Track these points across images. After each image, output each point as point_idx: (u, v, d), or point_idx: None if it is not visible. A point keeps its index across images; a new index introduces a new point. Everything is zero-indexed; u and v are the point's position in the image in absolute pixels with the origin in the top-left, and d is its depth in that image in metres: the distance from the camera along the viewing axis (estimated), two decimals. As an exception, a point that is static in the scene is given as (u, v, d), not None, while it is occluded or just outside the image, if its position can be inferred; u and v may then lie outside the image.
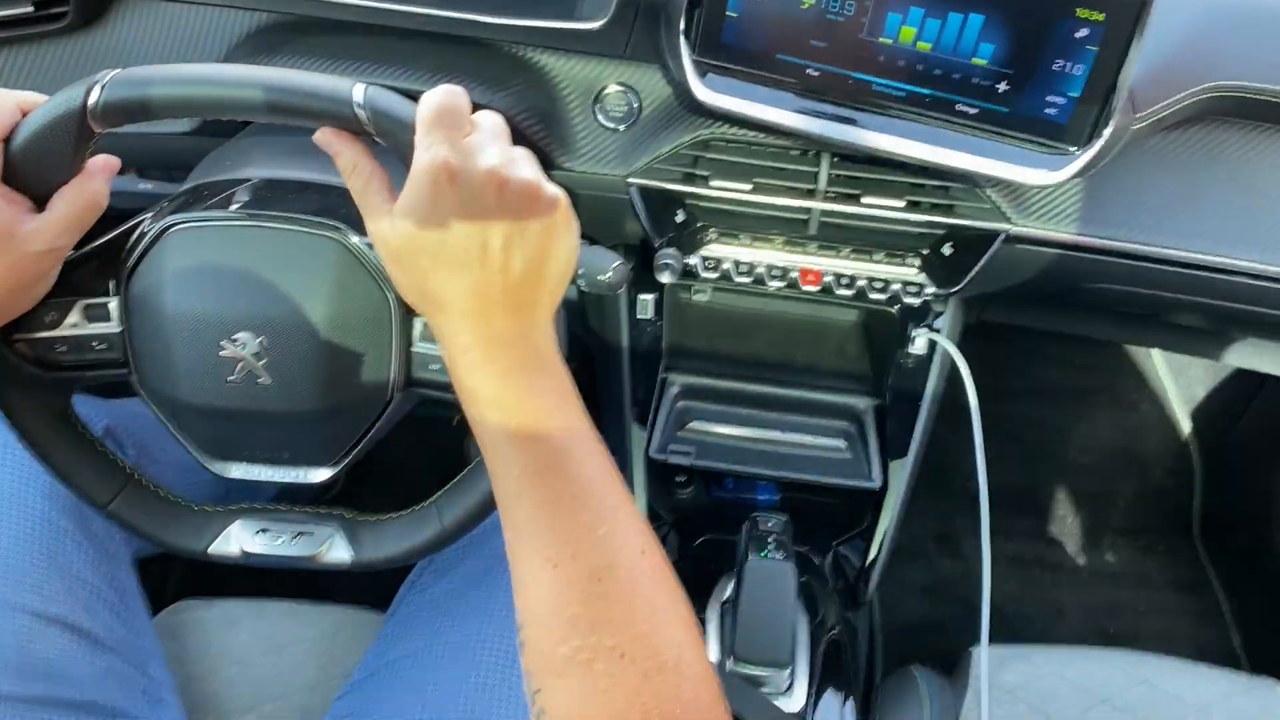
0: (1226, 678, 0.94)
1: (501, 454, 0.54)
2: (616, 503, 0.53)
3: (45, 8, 0.82)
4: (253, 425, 0.65)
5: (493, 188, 0.52)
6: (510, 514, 0.54)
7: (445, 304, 0.55)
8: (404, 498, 0.72)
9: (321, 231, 0.62)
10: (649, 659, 0.49)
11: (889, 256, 0.94)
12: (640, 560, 0.52)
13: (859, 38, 0.75)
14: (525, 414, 0.53)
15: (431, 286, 0.55)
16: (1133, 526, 1.61)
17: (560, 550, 0.51)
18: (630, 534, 0.53)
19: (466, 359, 0.55)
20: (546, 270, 0.55)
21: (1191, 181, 0.86)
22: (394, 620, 0.85)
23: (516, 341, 0.55)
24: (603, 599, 0.50)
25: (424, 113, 0.53)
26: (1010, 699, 0.90)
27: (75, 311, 0.63)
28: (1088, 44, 0.72)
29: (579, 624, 0.50)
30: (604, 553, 0.51)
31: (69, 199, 0.58)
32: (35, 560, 0.75)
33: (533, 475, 0.53)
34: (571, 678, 0.49)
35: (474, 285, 0.53)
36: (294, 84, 0.55)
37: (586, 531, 0.52)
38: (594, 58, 0.84)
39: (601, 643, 0.49)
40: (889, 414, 1.09)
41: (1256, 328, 0.94)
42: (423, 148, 0.53)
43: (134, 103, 0.55)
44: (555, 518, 0.52)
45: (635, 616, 0.50)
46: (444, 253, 0.53)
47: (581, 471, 0.53)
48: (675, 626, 0.51)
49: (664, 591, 0.52)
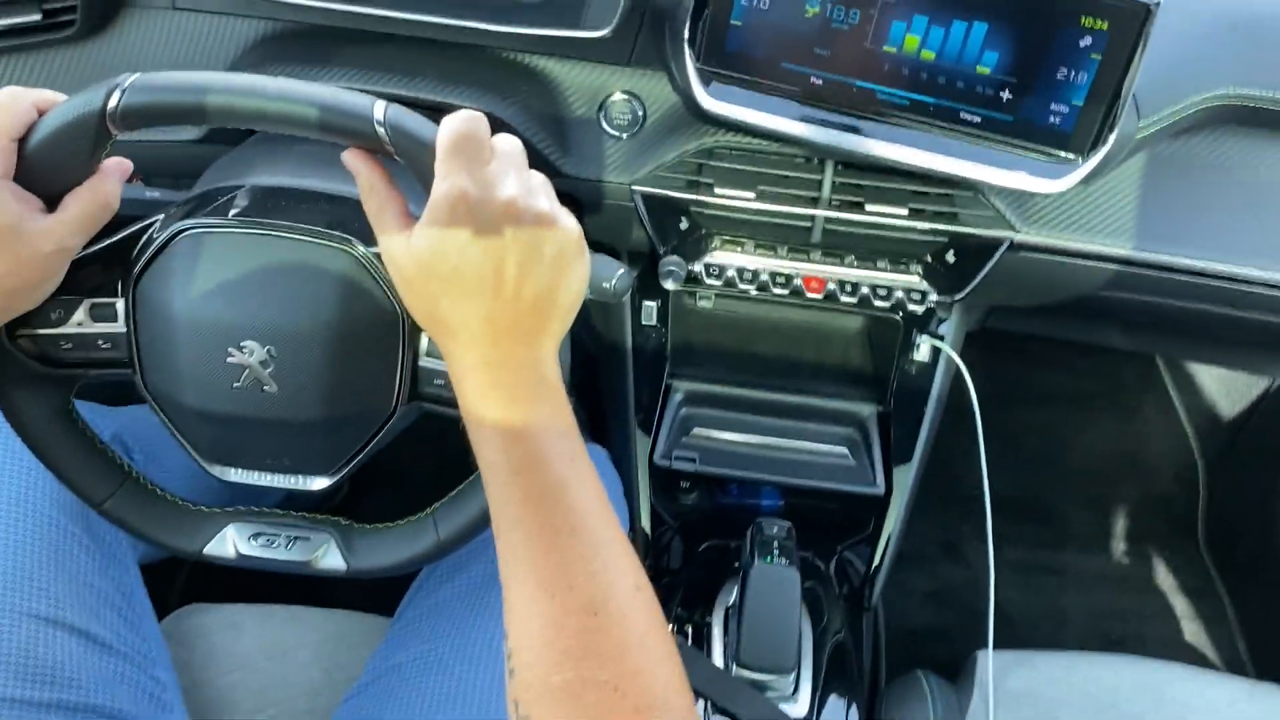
0: (1231, 683, 0.94)
1: (500, 479, 0.54)
2: (611, 536, 0.53)
3: (53, 16, 0.82)
4: (254, 432, 0.65)
5: (510, 219, 0.53)
6: (506, 539, 0.54)
7: (455, 329, 0.55)
8: (407, 506, 0.72)
9: (332, 243, 0.62)
10: (641, 694, 0.49)
11: (892, 264, 0.94)
12: (634, 596, 0.52)
13: (863, 46, 0.75)
14: (527, 442, 0.54)
15: (442, 311, 0.55)
16: (1137, 532, 1.61)
17: (556, 581, 0.51)
18: (624, 569, 0.53)
19: (472, 383, 0.55)
20: (557, 299, 0.56)
21: (1196, 189, 0.86)
22: (399, 625, 0.86)
23: (523, 369, 0.55)
24: (597, 632, 0.50)
25: (444, 140, 0.53)
26: (1015, 704, 0.90)
27: (81, 310, 0.63)
28: (1091, 52, 0.72)
29: (572, 655, 0.49)
30: (599, 586, 0.51)
31: (82, 200, 0.58)
32: (42, 564, 0.75)
33: (532, 503, 0.53)
34: (561, 708, 0.49)
35: (486, 312, 0.54)
36: (315, 97, 0.55)
37: (583, 564, 0.52)
38: (599, 65, 0.85)
39: (595, 676, 0.49)
40: (893, 420, 1.09)
41: (1261, 335, 0.94)
42: (441, 176, 0.53)
43: (155, 107, 0.55)
44: (552, 548, 0.52)
45: (628, 652, 0.50)
46: (457, 279, 0.53)
47: (579, 504, 0.53)
48: (666, 664, 0.51)
49: (655, 629, 0.52)
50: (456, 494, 0.69)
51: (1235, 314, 0.90)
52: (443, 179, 0.53)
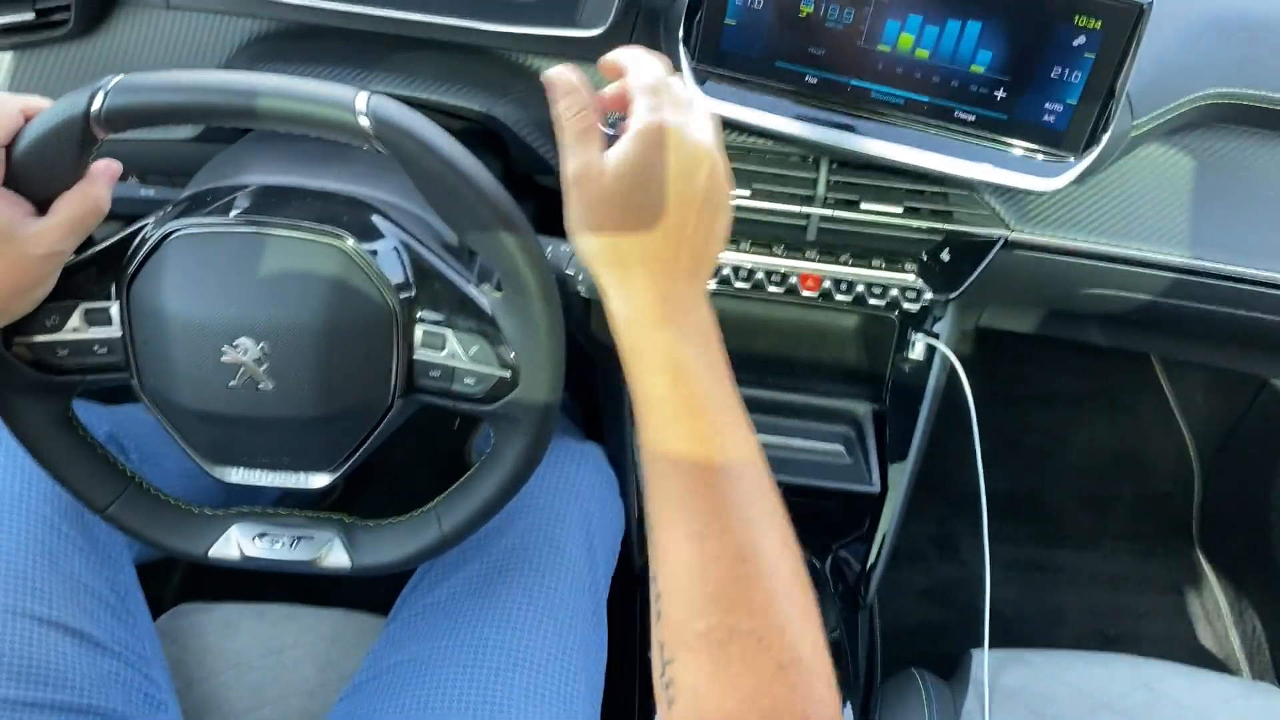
0: (1226, 681, 0.94)
1: (664, 416, 0.53)
2: (765, 490, 0.53)
3: (46, 15, 0.82)
4: (253, 430, 0.65)
5: (704, 161, 0.55)
6: (660, 482, 0.53)
7: (631, 260, 0.55)
8: (404, 502, 0.72)
9: (323, 238, 0.62)
10: (785, 650, 0.48)
11: (888, 262, 0.94)
12: (784, 552, 0.52)
13: (858, 45, 0.75)
14: (693, 382, 0.53)
15: (625, 241, 0.55)
16: (1132, 530, 1.61)
17: (709, 525, 0.51)
18: (775, 524, 0.53)
19: (644, 318, 0.55)
20: (714, 239, 0.57)
21: (1190, 187, 0.87)
22: (395, 624, 0.86)
23: (692, 309, 0.55)
24: (745, 580, 0.50)
25: (647, 77, 0.56)
26: (1010, 702, 0.90)
27: (76, 315, 0.63)
28: (1085, 51, 0.72)
29: (719, 601, 0.49)
30: (751, 535, 0.51)
31: (71, 203, 0.58)
32: (37, 564, 0.75)
33: (692, 445, 0.52)
34: (704, 654, 0.49)
35: (663, 246, 0.54)
36: (295, 90, 0.55)
37: (737, 511, 0.51)
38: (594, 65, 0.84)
39: (740, 624, 0.49)
40: (888, 418, 1.09)
41: (1255, 333, 0.95)
42: (648, 109, 0.54)
43: (138, 108, 0.55)
44: (707, 492, 0.52)
45: (775, 605, 0.50)
46: (650, 210, 0.54)
47: (738, 452, 0.53)
48: (810, 625, 0.50)
49: (802, 588, 0.52)
50: (459, 487, 0.69)
51: (1229, 312, 0.91)
52: (651, 111, 0.54)
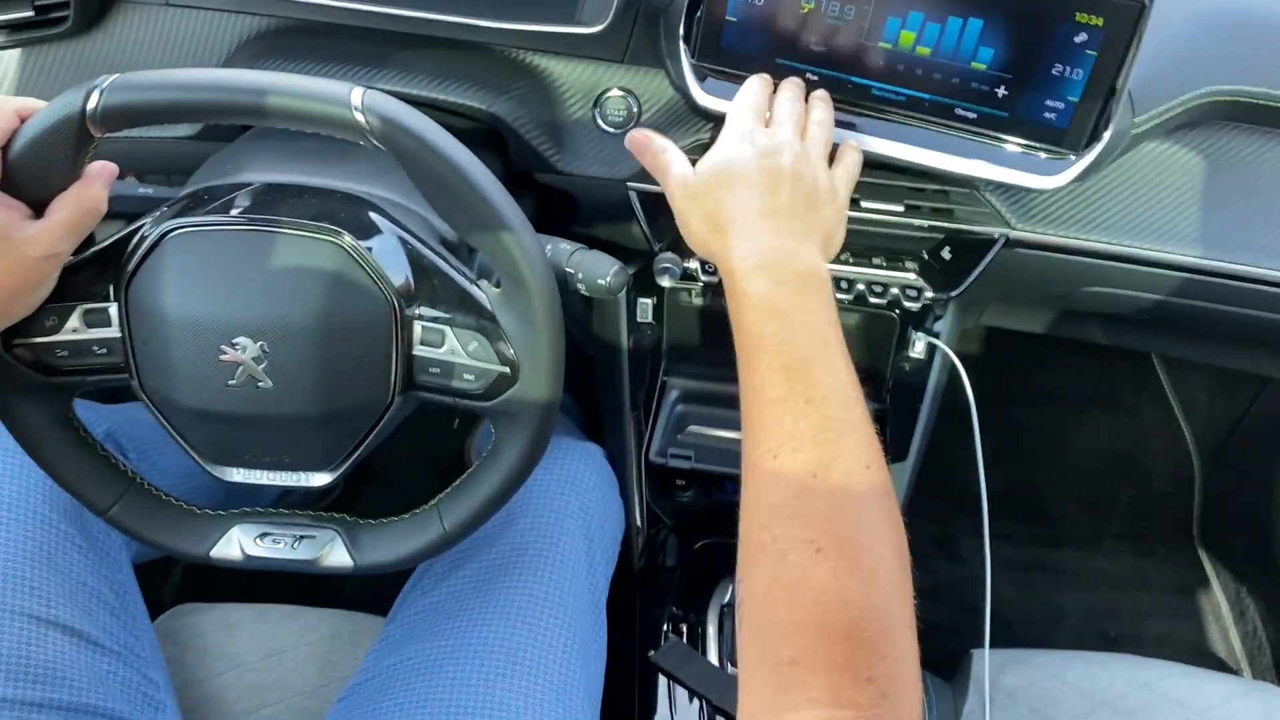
0: (1227, 681, 0.94)
1: (753, 349, 0.60)
2: (855, 420, 0.56)
3: (46, 12, 0.82)
4: (253, 429, 0.65)
5: (784, 149, 0.68)
6: (749, 412, 0.58)
7: (733, 221, 0.66)
8: (404, 501, 0.72)
9: (321, 235, 0.62)
10: (843, 560, 0.49)
11: (888, 261, 0.94)
12: (862, 473, 0.53)
13: (858, 42, 0.75)
14: (784, 318, 0.60)
15: (725, 209, 0.66)
16: (1133, 530, 1.61)
17: (783, 443, 0.54)
18: (859, 449, 0.55)
19: (745, 266, 0.63)
20: (818, 212, 0.68)
21: (1191, 186, 0.86)
22: (394, 624, 0.85)
23: (790, 259, 0.63)
24: (809, 493, 0.52)
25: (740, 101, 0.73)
26: (1011, 702, 0.90)
27: (75, 316, 0.63)
28: (1087, 49, 0.72)
29: (780, 513, 0.51)
30: (824, 455, 0.53)
31: (68, 204, 0.58)
32: (35, 564, 0.75)
33: (776, 372, 0.57)
34: (763, 565, 0.50)
35: (762, 206, 0.66)
36: (290, 87, 0.55)
37: (815, 433, 0.54)
38: (594, 62, 0.84)
39: (799, 535, 0.50)
40: (889, 418, 1.09)
41: (1256, 331, 0.94)
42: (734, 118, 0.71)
43: (133, 107, 0.55)
44: (785, 413, 0.56)
45: (839, 518, 0.51)
46: (741, 180, 0.67)
47: (823, 380, 0.57)
48: (880, 542, 0.51)
49: (879, 506, 0.53)
50: (460, 484, 0.69)
51: (1230, 310, 0.90)
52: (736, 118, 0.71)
